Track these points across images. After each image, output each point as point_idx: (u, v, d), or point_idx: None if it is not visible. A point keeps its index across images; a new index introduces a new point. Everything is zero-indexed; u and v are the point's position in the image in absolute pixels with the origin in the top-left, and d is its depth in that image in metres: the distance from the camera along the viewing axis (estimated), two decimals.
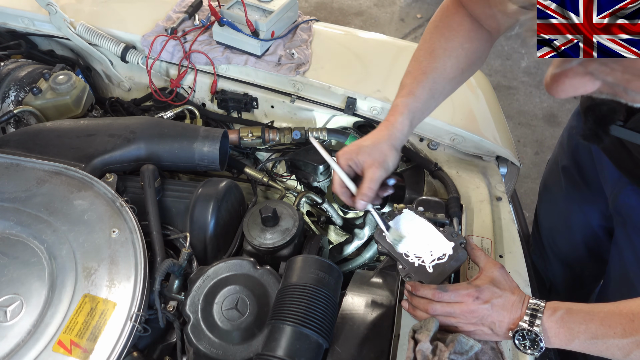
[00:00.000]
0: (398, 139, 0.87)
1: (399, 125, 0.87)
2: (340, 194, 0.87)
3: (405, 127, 0.87)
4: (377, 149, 0.84)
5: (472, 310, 0.73)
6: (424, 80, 0.88)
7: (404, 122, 0.87)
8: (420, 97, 0.88)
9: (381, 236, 0.87)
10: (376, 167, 0.83)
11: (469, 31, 0.89)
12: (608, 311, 0.68)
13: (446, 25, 0.90)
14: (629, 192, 1.03)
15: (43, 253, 0.83)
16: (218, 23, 1.27)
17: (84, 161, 1.00)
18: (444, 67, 0.88)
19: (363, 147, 0.85)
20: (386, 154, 0.84)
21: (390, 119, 0.88)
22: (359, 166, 0.85)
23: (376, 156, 0.83)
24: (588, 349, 0.69)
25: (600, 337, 0.67)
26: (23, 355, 0.73)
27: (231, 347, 0.81)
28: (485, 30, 0.89)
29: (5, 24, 1.45)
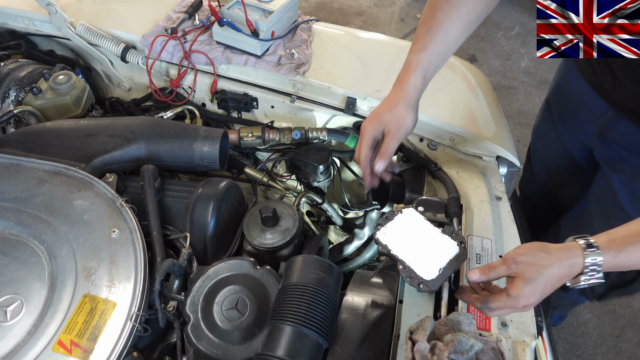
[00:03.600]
0: (413, 98, 0.89)
1: (412, 84, 0.89)
2: (363, 163, 0.91)
3: (419, 84, 0.90)
4: (394, 113, 0.88)
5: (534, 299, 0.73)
6: (438, 32, 0.89)
7: (417, 79, 0.89)
8: (433, 50, 0.89)
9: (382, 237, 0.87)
10: (395, 130, 0.88)
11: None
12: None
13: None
14: (618, 120, 1.06)
15: (43, 253, 0.83)
16: (218, 23, 1.27)
17: (84, 161, 1.00)
18: (459, 15, 0.89)
19: (381, 116, 0.89)
20: (404, 117, 0.88)
21: (403, 77, 0.90)
22: (381, 134, 0.90)
23: (394, 121, 0.88)
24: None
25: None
26: (23, 355, 0.73)
27: (231, 347, 0.81)
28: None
29: (5, 24, 1.45)
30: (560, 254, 0.73)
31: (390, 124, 0.88)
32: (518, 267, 0.73)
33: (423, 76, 0.90)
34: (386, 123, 0.88)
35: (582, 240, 0.73)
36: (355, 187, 1.52)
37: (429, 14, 0.91)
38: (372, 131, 0.90)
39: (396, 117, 0.88)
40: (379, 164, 0.89)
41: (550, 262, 0.72)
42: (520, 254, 0.74)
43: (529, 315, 0.85)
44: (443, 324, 0.75)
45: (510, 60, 3.15)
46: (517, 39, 3.30)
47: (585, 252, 0.72)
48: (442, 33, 0.89)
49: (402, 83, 0.90)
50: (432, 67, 0.92)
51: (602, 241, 0.73)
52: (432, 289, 0.81)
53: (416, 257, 0.84)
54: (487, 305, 0.76)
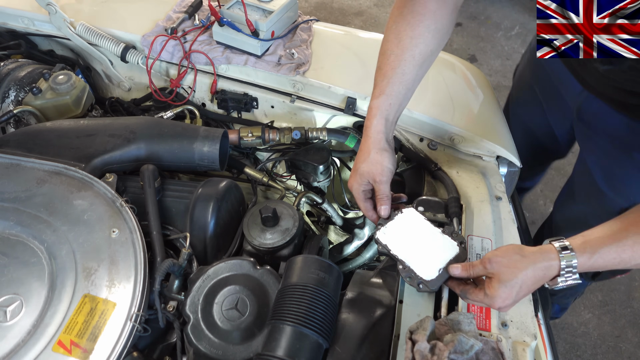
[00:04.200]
0: (381, 141, 0.93)
1: (375, 129, 0.93)
2: (373, 217, 0.95)
3: (382, 127, 0.93)
4: (370, 163, 0.92)
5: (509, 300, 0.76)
6: (393, 76, 0.93)
7: (379, 124, 0.93)
8: (391, 93, 0.93)
9: (382, 236, 0.87)
10: (378, 176, 0.91)
11: (434, 11, 0.91)
12: (636, 239, 0.73)
13: (410, 11, 0.92)
14: (592, 100, 1.10)
15: (43, 253, 0.83)
16: (218, 23, 1.27)
17: (84, 161, 1.00)
18: (412, 56, 0.92)
19: (359, 171, 0.93)
20: (380, 161, 0.92)
21: (367, 124, 0.95)
22: (369, 185, 0.94)
23: (374, 169, 0.91)
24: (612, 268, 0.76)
25: (629, 261, 0.74)
26: (23, 355, 0.73)
27: (231, 347, 0.81)
28: (451, 1, 0.91)
29: (5, 24, 1.45)
30: (535, 257, 0.75)
31: (372, 173, 0.92)
32: (493, 267, 0.76)
33: (385, 119, 0.94)
34: (367, 174, 0.92)
35: (558, 242, 0.76)
36: None
37: (383, 60, 0.95)
38: (359, 186, 0.94)
39: (373, 165, 0.92)
40: (383, 210, 0.92)
41: (525, 265, 0.75)
42: (497, 256, 0.76)
43: (529, 315, 0.85)
44: (443, 324, 0.75)
45: (510, 60, 3.15)
46: (517, 39, 3.30)
47: (560, 254, 0.74)
48: (398, 76, 0.93)
49: (367, 131, 0.94)
50: (394, 109, 0.95)
51: (576, 243, 0.75)
52: (432, 289, 0.82)
53: (416, 257, 0.84)
54: (465, 296, 0.80)
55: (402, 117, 1.21)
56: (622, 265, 0.75)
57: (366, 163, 0.92)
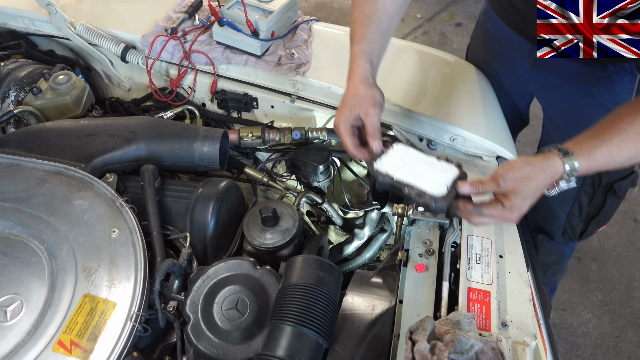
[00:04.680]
0: (369, 78, 0.95)
1: (361, 69, 0.95)
2: (358, 155, 0.93)
3: (368, 67, 0.96)
4: (360, 96, 0.92)
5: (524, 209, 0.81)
6: (370, 24, 0.97)
7: (364, 65, 0.96)
8: (372, 39, 0.97)
9: (380, 166, 0.87)
10: (370, 108, 0.91)
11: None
12: (621, 138, 0.79)
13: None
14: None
15: (43, 253, 0.83)
16: (218, 23, 1.27)
17: (84, 161, 1.00)
18: (384, 6, 0.98)
19: (349, 104, 0.93)
20: (371, 94, 0.92)
21: (352, 67, 0.96)
22: (357, 120, 0.93)
23: (365, 102, 0.91)
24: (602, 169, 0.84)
25: (617, 160, 0.81)
26: (23, 355, 0.73)
27: (231, 347, 0.81)
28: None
29: (5, 24, 1.45)
30: (542, 164, 0.80)
31: (362, 105, 0.91)
32: (507, 184, 0.79)
33: (370, 61, 0.96)
34: (358, 107, 0.91)
35: (556, 148, 0.81)
36: (355, 187, 1.52)
37: (358, 13, 1.00)
38: (346, 120, 0.93)
39: (364, 98, 0.91)
40: (376, 145, 0.91)
41: (536, 173, 0.80)
42: (508, 171, 0.80)
43: (529, 315, 0.85)
44: (443, 324, 0.75)
45: None
46: None
47: (563, 159, 0.79)
48: (375, 23, 0.97)
49: (354, 72, 0.95)
50: (376, 53, 0.98)
51: (574, 148, 0.81)
52: (446, 202, 0.80)
53: (420, 178, 0.83)
54: (479, 211, 0.82)
55: (402, 117, 1.21)
56: (613, 163, 0.81)
57: (356, 97, 0.92)
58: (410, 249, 0.96)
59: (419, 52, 1.40)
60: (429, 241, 0.97)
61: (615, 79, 1.09)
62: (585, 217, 1.35)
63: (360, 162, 1.48)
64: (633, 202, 2.49)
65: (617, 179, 1.25)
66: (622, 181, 1.26)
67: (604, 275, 2.24)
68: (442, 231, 1.01)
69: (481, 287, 0.87)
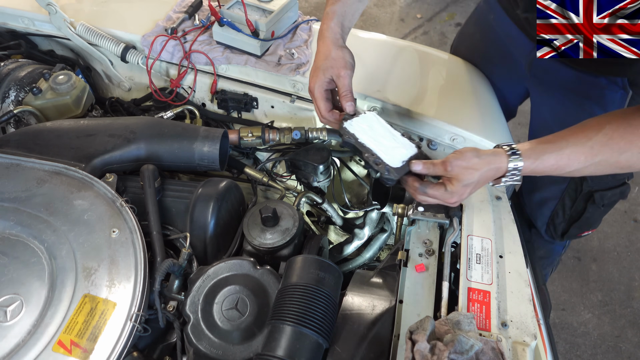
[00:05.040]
0: (339, 40, 0.98)
1: (332, 30, 0.98)
2: (329, 118, 0.97)
3: (338, 29, 0.99)
4: (332, 58, 0.95)
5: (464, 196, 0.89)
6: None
7: (335, 26, 0.99)
8: (345, 2, 1.01)
9: (349, 126, 0.92)
10: (342, 70, 0.94)
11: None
12: (573, 149, 0.83)
13: None
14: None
15: (43, 253, 0.83)
16: (218, 23, 1.27)
17: (84, 161, 1.00)
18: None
19: (322, 67, 0.96)
20: (341, 55, 0.95)
21: (323, 28, 1.00)
22: (331, 83, 0.96)
23: (337, 64, 0.95)
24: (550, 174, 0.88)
25: (565, 168, 0.85)
26: (23, 355, 0.73)
27: (231, 347, 0.81)
28: None
29: (5, 24, 1.45)
30: (489, 158, 0.85)
31: (334, 67, 0.94)
32: (454, 170, 0.85)
33: (341, 23, 0.99)
34: (331, 69, 0.94)
35: (508, 146, 0.86)
36: (355, 187, 1.52)
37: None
38: (321, 84, 0.95)
39: (336, 60, 0.94)
40: (349, 105, 0.95)
41: (481, 166, 0.85)
42: (457, 159, 0.86)
43: (529, 315, 0.85)
44: (443, 324, 0.75)
45: None
46: None
47: (509, 158, 0.84)
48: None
49: (324, 33, 0.99)
50: (348, 17, 1.01)
51: (524, 148, 0.85)
52: (396, 175, 0.88)
53: (381, 148, 0.90)
54: (424, 189, 0.89)
55: (402, 117, 1.21)
56: (560, 171, 0.85)
57: (328, 59, 0.95)
58: (410, 249, 0.96)
59: (418, 52, 1.40)
60: (429, 241, 0.97)
61: (607, 92, 1.10)
62: (568, 219, 1.36)
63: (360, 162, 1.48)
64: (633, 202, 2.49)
65: (598, 189, 1.26)
66: (604, 192, 1.26)
67: (604, 275, 2.24)
68: (442, 231, 1.01)
69: (481, 287, 0.87)
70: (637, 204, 2.48)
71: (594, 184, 1.25)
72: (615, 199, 1.29)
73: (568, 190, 1.31)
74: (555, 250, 1.58)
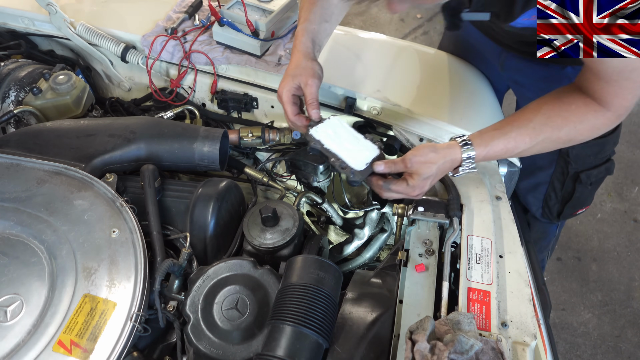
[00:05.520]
0: (310, 53, 1.04)
1: (304, 45, 1.04)
2: (296, 122, 1.02)
3: (310, 44, 1.05)
4: (302, 67, 1.01)
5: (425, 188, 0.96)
6: (313, 8, 1.07)
7: (307, 42, 1.05)
8: (313, 21, 1.06)
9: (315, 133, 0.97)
10: (310, 79, 0.99)
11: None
12: (518, 132, 0.91)
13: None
14: (511, 57, 1.27)
15: (43, 253, 0.83)
16: (218, 23, 1.27)
17: (84, 161, 1.00)
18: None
19: (292, 74, 1.01)
20: (311, 66, 1.01)
21: (295, 44, 1.05)
22: (299, 90, 1.01)
23: (306, 73, 1.00)
24: (501, 157, 0.96)
25: (514, 150, 0.92)
26: (23, 355, 0.73)
27: (231, 347, 0.81)
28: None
29: (5, 24, 1.45)
30: (445, 152, 0.93)
31: (303, 75, 0.99)
32: (413, 165, 0.92)
33: (312, 39, 1.05)
34: (299, 77, 1.00)
35: (460, 139, 0.93)
36: (355, 187, 1.52)
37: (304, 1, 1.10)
38: (289, 89, 1.00)
39: (305, 69, 1.00)
40: (314, 113, 1.00)
41: (437, 159, 0.92)
42: (415, 155, 0.92)
43: (529, 315, 0.85)
44: (443, 324, 0.75)
45: None
46: None
47: (462, 149, 0.92)
48: (319, 8, 1.07)
49: (297, 47, 1.04)
50: (319, 34, 1.07)
51: (474, 138, 0.93)
52: (361, 178, 0.94)
53: (346, 152, 0.95)
54: (388, 186, 0.95)
55: (402, 117, 1.21)
56: (510, 153, 0.93)
57: (298, 68, 1.01)
58: (410, 249, 0.96)
59: (418, 52, 1.40)
60: (429, 241, 0.97)
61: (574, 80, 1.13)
62: (560, 200, 1.42)
63: None
64: (633, 202, 2.49)
65: (583, 169, 1.31)
66: (589, 171, 1.31)
67: (604, 275, 2.24)
68: (442, 231, 1.01)
69: (481, 287, 0.87)
70: (637, 204, 2.48)
71: (577, 166, 1.31)
72: (602, 176, 1.35)
73: (555, 173, 1.36)
74: (550, 231, 1.63)
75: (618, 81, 0.84)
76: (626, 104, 0.87)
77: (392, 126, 1.21)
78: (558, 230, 1.67)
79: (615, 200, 2.51)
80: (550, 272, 2.26)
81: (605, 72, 0.84)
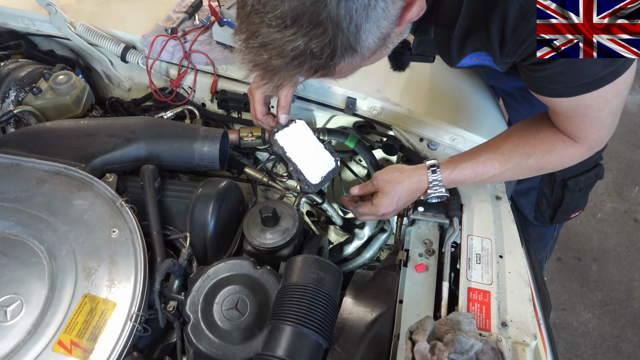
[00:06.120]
0: None
1: None
2: (263, 122, 1.03)
3: None
4: None
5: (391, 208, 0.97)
6: None
7: None
8: None
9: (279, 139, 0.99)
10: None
11: None
12: (487, 157, 0.93)
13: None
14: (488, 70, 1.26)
15: (43, 253, 0.83)
16: (218, 23, 1.27)
17: (84, 161, 1.00)
18: None
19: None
20: None
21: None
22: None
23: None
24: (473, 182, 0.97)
25: (483, 175, 0.94)
26: (23, 355, 0.73)
27: (231, 347, 0.81)
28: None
29: (5, 24, 1.45)
30: (410, 173, 0.95)
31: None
32: (378, 183, 0.95)
33: None
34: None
35: (429, 162, 0.96)
36: None
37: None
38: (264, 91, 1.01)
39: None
40: (283, 117, 1.01)
41: (402, 179, 0.94)
42: (381, 174, 0.95)
43: (529, 315, 0.85)
44: (443, 324, 0.75)
45: None
46: None
47: (428, 170, 0.94)
48: None
49: None
50: None
51: (443, 162, 0.95)
52: (315, 190, 0.99)
53: (305, 162, 0.98)
54: (357, 210, 1.00)
55: (403, 117, 1.21)
56: (478, 178, 0.94)
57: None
58: (410, 249, 0.96)
59: None
60: (429, 241, 0.97)
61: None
62: (552, 205, 1.43)
63: (360, 162, 1.48)
64: (633, 202, 2.49)
65: (570, 176, 1.32)
66: (577, 178, 1.32)
67: (604, 275, 2.24)
68: (442, 231, 1.01)
69: (481, 287, 0.87)
70: (637, 204, 2.48)
71: (562, 173, 1.31)
72: (592, 182, 1.34)
73: (544, 180, 1.37)
74: (546, 233, 1.63)
75: (576, 117, 0.83)
76: (593, 136, 0.86)
77: (392, 126, 1.21)
78: (556, 233, 1.67)
79: (615, 200, 2.51)
80: (550, 272, 2.26)
81: (559, 109, 0.83)
